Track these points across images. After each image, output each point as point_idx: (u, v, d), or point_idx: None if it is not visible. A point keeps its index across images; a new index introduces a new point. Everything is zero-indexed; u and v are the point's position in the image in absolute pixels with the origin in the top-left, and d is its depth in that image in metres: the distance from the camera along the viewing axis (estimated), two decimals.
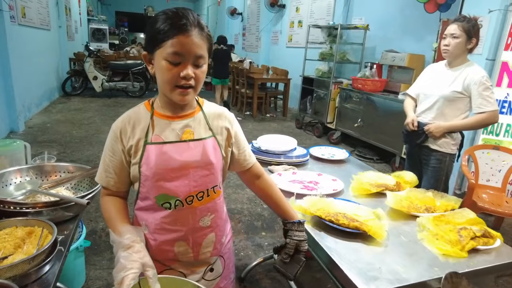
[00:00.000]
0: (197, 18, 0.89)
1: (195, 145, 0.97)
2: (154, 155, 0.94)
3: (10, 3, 4.58)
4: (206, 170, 0.98)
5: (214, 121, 1.03)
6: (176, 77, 0.89)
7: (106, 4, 16.81)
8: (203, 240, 1.04)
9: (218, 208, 1.05)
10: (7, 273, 0.85)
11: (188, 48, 0.87)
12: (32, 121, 5.36)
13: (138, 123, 0.97)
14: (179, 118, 0.98)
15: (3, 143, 1.43)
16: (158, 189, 0.96)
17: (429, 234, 1.19)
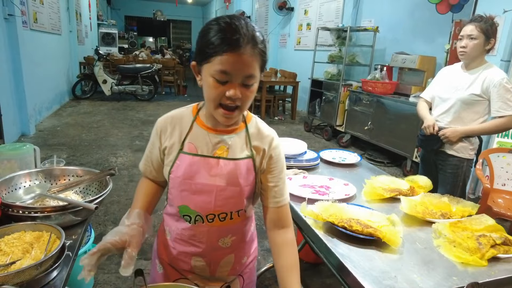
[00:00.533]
0: (251, 31, 0.79)
1: (225, 164, 0.91)
2: (184, 165, 0.91)
3: (22, 9, 4.65)
4: (232, 192, 0.92)
5: (256, 142, 0.94)
6: (221, 96, 0.81)
7: (116, 8, 17.01)
8: (221, 260, 1.00)
9: (241, 230, 1.00)
10: (15, 279, 0.84)
11: (237, 68, 0.78)
12: (43, 124, 5.43)
13: (179, 126, 0.95)
14: (218, 132, 0.92)
15: (12, 147, 1.43)
16: (182, 199, 0.94)
17: (445, 241, 1.15)
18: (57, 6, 6.68)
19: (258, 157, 0.94)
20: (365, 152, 4.85)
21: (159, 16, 16.98)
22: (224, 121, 0.87)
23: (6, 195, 1.22)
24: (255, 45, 0.79)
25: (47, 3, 6.00)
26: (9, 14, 4.22)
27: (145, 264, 2.18)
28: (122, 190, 3.22)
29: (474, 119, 1.94)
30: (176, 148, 0.93)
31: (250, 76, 0.81)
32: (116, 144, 4.60)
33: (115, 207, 2.86)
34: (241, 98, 0.82)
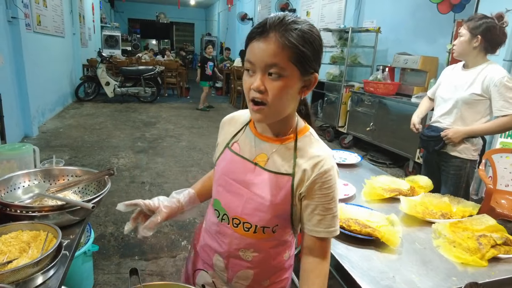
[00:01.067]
0: (282, 19, 0.74)
1: (260, 172, 0.86)
2: (226, 160, 0.93)
3: (26, 12, 4.69)
4: (260, 204, 0.85)
5: (301, 159, 0.83)
6: (249, 88, 0.77)
7: (119, 11, 17.12)
8: (239, 270, 0.94)
9: (266, 250, 0.91)
10: (10, 278, 0.84)
11: (259, 55, 0.74)
12: (46, 126, 5.46)
13: (234, 125, 0.97)
14: (263, 138, 0.88)
15: (12, 147, 1.43)
16: (217, 193, 0.95)
17: (445, 241, 1.14)
18: (61, 9, 6.72)
19: (298, 179, 0.83)
20: (367, 153, 4.83)
21: (162, 19, 17.05)
22: (254, 118, 0.81)
23: (4, 195, 1.22)
24: (284, 33, 0.73)
25: (51, 6, 6.05)
26: (12, 17, 4.25)
27: (145, 265, 2.18)
28: (124, 191, 3.22)
29: (476, 119, 1.91)
30: (224, 143, 0.96)
31: (273, 66, 0.73)
32: (118, 146, 4.61)
33: (115, 208, 2.86)
34: (267, 92, 0.75)
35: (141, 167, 3.90)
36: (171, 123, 6.13)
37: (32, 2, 5.03)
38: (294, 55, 0.73)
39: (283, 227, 0.89)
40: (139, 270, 1.05)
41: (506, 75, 1.81)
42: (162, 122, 6.20)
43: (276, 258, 0.93)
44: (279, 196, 0.83)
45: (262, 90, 0.75)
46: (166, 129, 5.72)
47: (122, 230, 2.56)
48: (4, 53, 4.16)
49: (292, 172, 0.83)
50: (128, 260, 2.21)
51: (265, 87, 0.75)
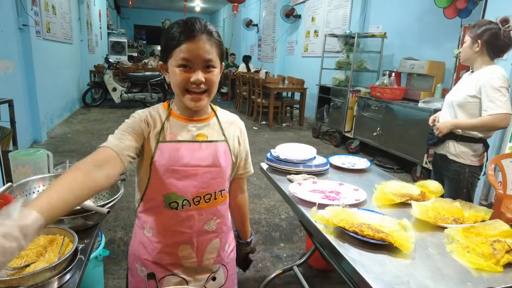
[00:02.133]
0: (204, 25, 0.92)
1: (207, 146, 1.00)
2: (167, 152, 0.96)
3: (36, 19, 4.77)
4: (215, 173, 1.00)
5: (227, 127, 1.06)
6: (186, 81, 0.92)
7: (125, 18, 17.32)
8: (207, 245, 1.05)
9: (224, 213, 1.08)
10: (30, 281, 0.85)
11: (197, 54, 0.90)
12: (54, 131, 5.52)
13: (158, 119, 1.00)
14: (194, 122, 1.02)
15: (27, 152, 1.46)
16: (167, 188, 0.97)
17: (459, 247, 1.13)
18: (69, 16, 6.83)
19: (232, 141, 1.06)
20: (374, 158, 4.81)
21: (168, 25, 17.22)
22: (193, 106, 0.95)
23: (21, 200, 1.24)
24: (210, 35, 0.92)
25: (60, 13, 6.15)
26: (23, 25, 4.33)
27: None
28: (132, 196, 3.22)
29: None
30: (155, 139, 0.97)
31: (209, 61, 0.92)
32: None
33: (125, 213, 2.88)
34: (206, 82, 0.93)
35: None
36: None
37: (42, 10, 5.12)
38: (219, 51, 0.95)
39: (228, 184, 1.09)
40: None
41: (496, 76, 1.81)
42: None
43: (228, 217, 1.12)
44: (226, 160, 1.03)
45: (203, 81, 0.92)
46: None
47: (132, 235, 2.57)
48: (15, 60, 4.23)
49: (225, 138, 1.04)
50: None
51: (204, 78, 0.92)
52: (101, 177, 0.80)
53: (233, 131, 1.08)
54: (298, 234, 2.74)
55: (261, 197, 3.36)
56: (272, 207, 3.15)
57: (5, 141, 2.79)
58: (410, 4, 4.99)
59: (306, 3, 8.06)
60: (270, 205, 3.19)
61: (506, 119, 1.81)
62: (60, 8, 6.20)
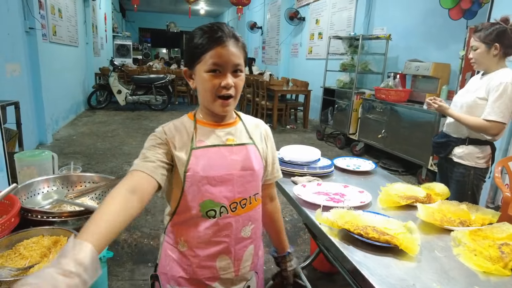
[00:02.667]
0: (231, 30, 0.93)
1: (238, 149, 0.99)
2: (201, 158, 0.94)
3: (43, 22, 4.82)
4: (249, 176, 0.99)
5: (253, 131, 1.06)
6: (217, 86, 0.91)
7: (130, 21, 17.45)
8: (244, 252, 1.02)
9: (258, 217, 1.06)
10: None
11: (226, 59, 0.90)
12: (59, 133, 5.55)
13: (184, 129, 0.98)
14: (221, 126, 1.01)
15: (32, 154, 1.47)
16: (203, 195, 0.93)
17: (466, 250, 1.12)
18: (75, 20, 6.89)
19: (260, 144, 1.05)
20: (379, 160, 4.78)
21: (172, 28, 17.31)
22: (222, 111, 0.95)
23: (25, 200, 1.25)
24: (237, 40, 0.93)
25: (66, 16, 6.21)
26: (30, 28, 4.37)
27: None
28: None
29: None
30: (188, 148, 0.94)
31: (238, 65, 0.93)
32: (130, 153, 4.66)
33: None
34: (234, 87, 0.93)
35: None
36: None
37: (49, 13, 5.17)
38: (245, 55, 0.96)
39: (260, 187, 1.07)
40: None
41: (505, 82, 1.77)
42: None
43: (260, 222, 1.09)
44: (258, 163, 1.02)
45: (232, 86, 0.92)
46: None
47: (135, 236, 2.57)
48: (22, 63, 4.27)
49: (253, 141, 1.03)
50: (142, 267, 2.22)
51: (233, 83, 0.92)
52: (135, 202, 0.79)
53: (259, 134, 1.07)
54: (302, 236, 2.73)
55: None
56: None
57: (11, 142, 2.81)
58: (415, 5, 4.97)
59: (310, 5, 8.06)
60: None
61: (496, 128, 1.79)
62: (66, 11, 6.26)
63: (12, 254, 0.98)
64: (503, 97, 1.77)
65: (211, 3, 13.94)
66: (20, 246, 1.00)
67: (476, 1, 3.65)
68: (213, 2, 13.75)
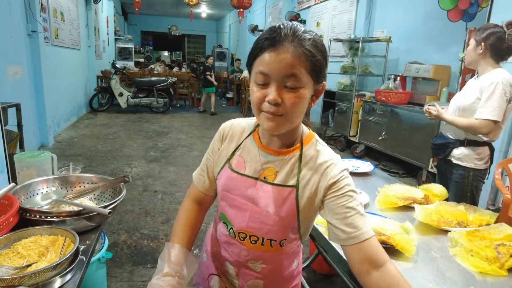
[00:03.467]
0: (294, 29, 0.72)
1: (262, 186, 0.84)
2: (224, 177, 0.90)
3: (45, 25, 4.85)
4: (266, 218, 0.83)
5: (308, 169, 0.82)
6: (262, 101, 0.74)
7: (132, 24, 17.53)
8: (249, 279, 0.94)
9: (276, 262, 0.90)
10: (30, 281, 0.86)
11: (275, 66, 0.71)
12: (61, 135, 5.58)
13: (237, 135, 0.92)
14: (269, 151, 0.85)
15: (31, 154, 1.47)
16: (221, 208, 0.94)
17: (462, 250, 1.12)
18: (77, 23, 6.93)
19: (305, 189, 0.81)
20: (379, 162, 4.78)
21: (174, 31, 17.39)
22: (268, 127, 0.76)
23: (24, 201, 1.25)
24: (299, 43, 0.71)
25: (68, 20, 6.25)
26: (32, 31, 4.41)
27: None
28: (136, 199, 3.26)
29: None
30: (225, 158, 0.91)
31: (291, 76, 0.71)
32: (131, 155, 4.68)
33: (128, 216, 2.89)
34: (284, 104, 0.73)
35: (154, 176, 3.94)
36: (183, 133, 6.20)
37: (51, 16, 5.21)
38: (310, 65, 0.72)
39: (290, 240, 0.88)
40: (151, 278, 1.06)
41: (496, 81, 1.79)
42: (174, 132, 6.27)
43: (286, 269, 0.93)
44: (284, 209, 0.82)
45: (279, 103, 0.72)
46: (178, 138, 5.79)
47: (135, 238, 2.58)
48: (23, 66, 4.29)
49: (295, 184, 0.81)
50: (141, 268, 2.22)
51: (282, 99, 0.72)
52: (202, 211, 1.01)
53: (316, 176, 0.81)
54: None
55: None
56: None
57: (12, 144, 2.82)
58: (415, 8, 4.98)
59: (311, 8, 8.09)
60: None
61: (487, 126, 1.80)
62: (69, 14, 6.30)
63: (10, 253, 0.98)
64: (494, 95, 1.78)
65: (213, 6, 14.00)
66: (18, 245, 1.01)
67: (475, 3, 3.66)
68: (215, 5, 13.82)
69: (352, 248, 0.76)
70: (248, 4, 9.03)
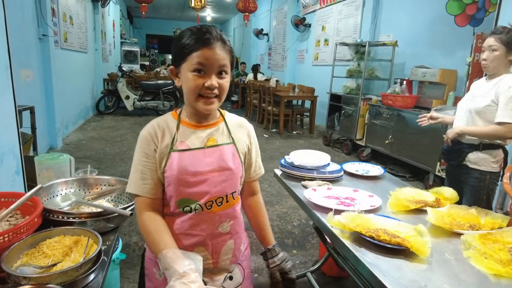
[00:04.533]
0: (219, 33, 0.96)
1: (213, 150, 1.02)
2: (177, 161, 0.99)
3: (55, 29, 4.92)
4: (224, 175, 1.02)
5: (235, 130, 1.09)
6: (201, 86, 0.94)
7: (138, 27, 17.68)
8: (222, 246, 1.07)
9: (237, 214, 1.09)
10: (58, 279, 0.89)
11: (212, 60, 0.93)
12: (69, 138, 5.63)
13: (167, 129, 1.02)
14: (203, 127, 1.04)
15: (51, 157, 1.51)
16: (179, 194, 1.00)
17: (476, 253, 1.13)
18: (85, 27, 7.02)
19: (240, 144, 1.09)
20: (386, 166, 4.78)
21: (181, 31, 17.49)
22: (205, 110, 0.98)
23: (46, 202, 1.29)
24: (224, 43, 0.96)
25: (77, 24, 6.33)
26: (43, 35, 4.48)
27: None
28: None
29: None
30: (168, 150, 1.00)
31: (223, 66, 0.96)
32: None
33: None
34: (218, 88, 0.96)
35: None
36: None
37: (61, 21, 5.29)
38: (231, 59, 0.99)
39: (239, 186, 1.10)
40: None
41: None
42: None
43: (241, 218, 1.12)
44: (235, 162, 1.04)
45: (216, 87, 0.95)
46: None
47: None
48: (34, 69, 4.36)
49: (232, 141, 1.07)
50: None
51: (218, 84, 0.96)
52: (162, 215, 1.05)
53: (242, 133, 1.11)
54: (310, 241, 2.74)
55: (273, 204, 3.37)
56: (284, 214, 3.15)
57: (26, 146, 2.87)
58: (421, 12, 5.00)
59: (316, 12, 8.13)
60: (283, 212, 3.20)
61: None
62: (77, 18, 6.38)
63: (36, 252, 1.02)
64: None
65: (218, 10, 14.09)
66: (43, 245, 1.04)
67: (482, 8, 3.68)
68: (220, 9, 13.91)
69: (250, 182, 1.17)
70: (254, 8, 9.09)
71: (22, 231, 1.01)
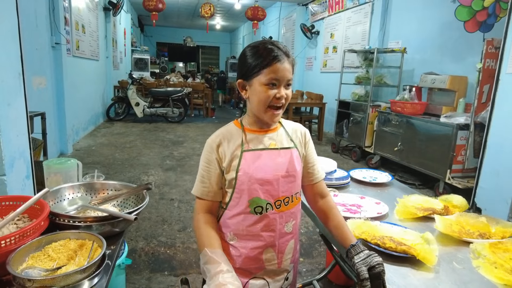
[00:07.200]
0: (285, 48, 1.06)
1: (284, 153, 1.11)
2: (251, 161, 1.06)
3: (67, 38, 5.04)
4: (292, 176, 1.10)
5: (293, 135, 1.17)
6: (272, 98, 1.03)
7: (148, 35, 17.95)
8: (286, 246, 1.13)
9: (298, 214, 1.17)
10: (62, 282, 0.89)
11: (282, 74, 1.03)
12: (79, 144, 5.72)
13: (232, 137, 1.10)
14: (264, 132, 1.12)
15: (59, 161, 1.53)
16: (252, 193, 1.06)
17: (486, 262, 1.11)
18: (97, 35, 7.16)
19: (300, 147, 1.16)
20: (395, 173, 4.73)
21: (189, 42, 17.72)
22: (272, 120, 1.08)
23: (52, 206, 1.31)
24: (289, 57, 1.06)
25: (88, 32, 6.46)
26: (56, 43, 4.58)
27: (175, 281, 2.20)
28: (153, 207, 3.31)
29: None
30: (240, 152, 1.07)
31: (290, 80, 1.06)
32: (148, 164, 4.76)
33: (146, 224, 2.94)
34: (285, 98, 1.06)
35: (170, 184, 3.99)
36: (197, 142, 6.27)
37: (73, 29, 5.40)
38: (293, 71, 1.08)
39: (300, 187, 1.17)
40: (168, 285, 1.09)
41: None
42: (189, 141, 6.35)
43: (300, 217, 1.20)
44: (298, 164, 1.12)
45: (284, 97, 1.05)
46: (193, 148, 5.86)
47: (153, 245, 2.61)
48: (47, 76, 4.46)
49: (294, 145, 1.14)
50: (158, 275, 2.25)
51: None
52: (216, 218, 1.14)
53: (299, 137, 1.18)
54: (317, 249, 2.71)
55: None
56: None
57: (36, 151, 2.92)
58: (430, 18, 4.98)
59: (325, 19, 8.15)
60: None
61: None
62: (89, 27, 6.52)
63: (42, 255, 1.02)
64: None
65: (227, 18, 14.24)
66: (49, 248, 1.05)
67: (493, 14, 3.64)
68: (229, 17, 14.05)
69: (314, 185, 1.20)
70: (262, 16, 9.17)
71: (29, 233, 1.02)
